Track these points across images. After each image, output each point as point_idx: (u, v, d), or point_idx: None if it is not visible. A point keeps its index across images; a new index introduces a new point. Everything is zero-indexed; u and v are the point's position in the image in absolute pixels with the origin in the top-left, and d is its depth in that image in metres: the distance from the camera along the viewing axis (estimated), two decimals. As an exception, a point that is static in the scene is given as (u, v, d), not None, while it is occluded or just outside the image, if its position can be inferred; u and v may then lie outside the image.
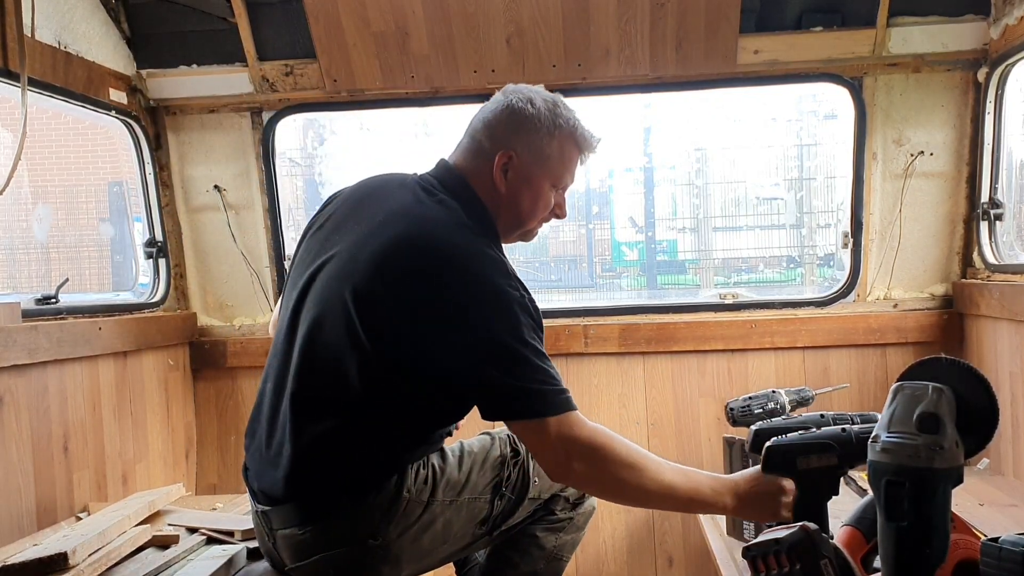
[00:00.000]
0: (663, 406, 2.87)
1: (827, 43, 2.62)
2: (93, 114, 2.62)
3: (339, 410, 1.62)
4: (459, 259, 1.59)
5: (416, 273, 1.57)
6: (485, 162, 1.73)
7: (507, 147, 1.72)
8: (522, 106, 1.73)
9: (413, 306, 1.56)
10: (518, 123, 1.73)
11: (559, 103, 1.77)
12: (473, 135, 1.77)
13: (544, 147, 1.75)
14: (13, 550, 1.90)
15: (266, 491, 1.69)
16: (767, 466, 1.69)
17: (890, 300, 2.80)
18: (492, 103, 1.78)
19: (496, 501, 1.79)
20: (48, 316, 2.25)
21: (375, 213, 1.68)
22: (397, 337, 1.57)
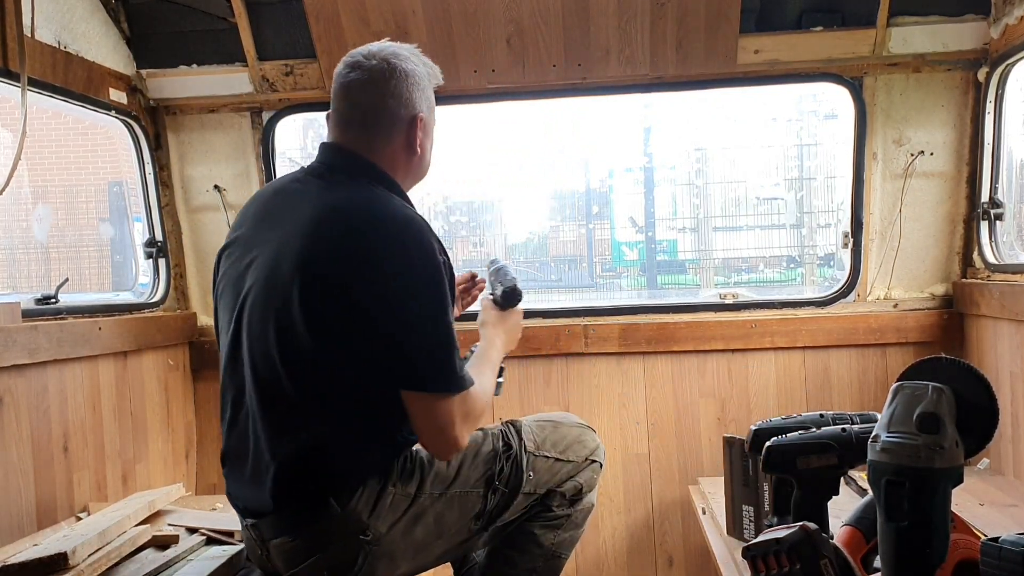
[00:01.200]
0: (663, 406, 2.87)
1: (827, 43, 2.62)
2: (93, 114, 2.62)
3: (308, 417, 1.63)
4: (382, 229, 1.61)
5: (341, 255, 1.59)
6: (393, 129, 1.75)
7: (416, 110, 1.76)
8: (412, 67, 1.76)
9: (345, 288, 1.58)
10: (414, 83, 1.76)
11: (418, 52, 1.81)
12: (371, 106, 1.75)
13: (430, 96, 1.82)
14: (13, 550, 1.90)
15: (253, 508, 1.71)
16: (767, 465, 1.70)
17: (890, 300, 2.80)
18: (380, 72, 1.75)
19: (489, 495, 1.80)
20: (48, 316, 2.25)
21: (284, 217, 1.69)
22: (337, 323, 1.59)
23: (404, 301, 1.59)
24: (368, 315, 1.58)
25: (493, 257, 2.22)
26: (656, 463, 2.87)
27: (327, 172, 1.73)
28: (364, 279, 1.58)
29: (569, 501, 1.91)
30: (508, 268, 2.10)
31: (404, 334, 1.59)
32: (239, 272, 1.72)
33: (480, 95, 2.80)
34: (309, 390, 1.62)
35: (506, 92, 2.79)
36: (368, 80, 1.74)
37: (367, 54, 1.76)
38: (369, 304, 1.58)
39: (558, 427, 1.95)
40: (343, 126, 1.77)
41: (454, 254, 5.99)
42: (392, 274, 1.58)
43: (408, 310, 1.59)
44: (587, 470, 1.94)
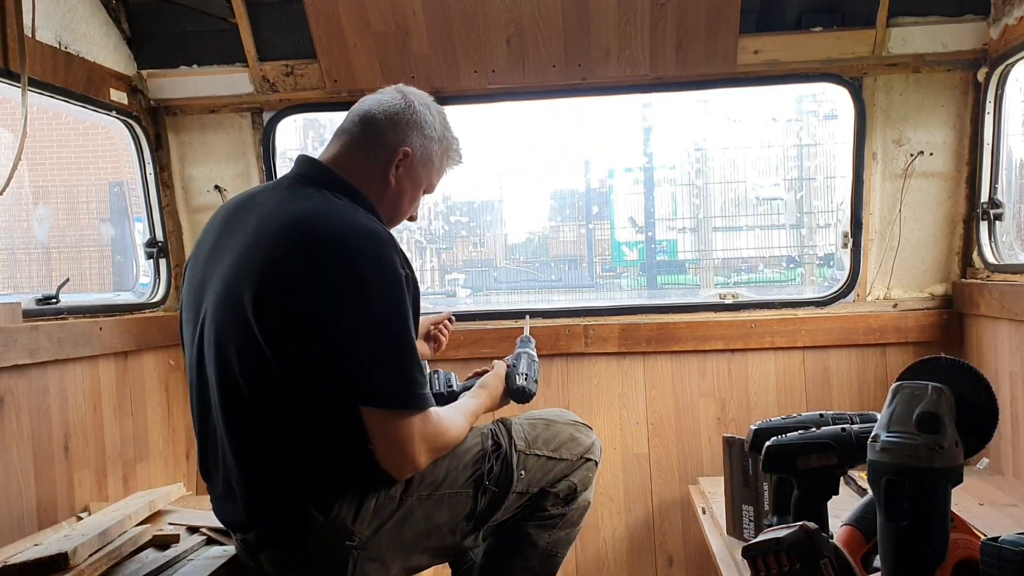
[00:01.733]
0: (663, 406, 2.87)
1: (827, 43, 2.62)
2: (94, 114, 2.62)
3: (275, 432, 1.63)
4: (339, 242, 1.59)
5: (296, 269, 1.57)
6: (377, 153, 1.76)
7: (406, 143, 1.77)
8: (423, 110, 1.80)
9: (299, 302, 1.56)
10: (418, 125, 1.79)
11: (446, 116, 1.87)
12: (366, 127, 1.77)
13: (433, 153, 1.83)
14: (14, 550, 1.90)
15: (235, 523, 1.72)
16: (767, 465, 1.70)
17: (890, 300, 2.80)
18: (389, 99, 1.80)
19: (479, 495, 1.78)
20: (49, 316, 2.25)
21: (245, 230, 1.67)
22: (292, 337, 1.57)
23: (358, 315, 1.56)
24: (322, 329, 1.56)
25: (526, 334, 2.20)
26: (656, 463, 2.87)
27: (296, 183, 1.73)
28: (318, 292, 1.56)
29: (563, 500, 1.89)
30: (535, 359, 2.09)
31: (359, 349, 1.57)
32: (198, 286, 1.72)
33: (480, 95, 2.80)
34: (273, 405, 1.61)
35: (506, 92, 2.79)
36: (375, 100, 1.80)
37: (401, 89, 1.82)
38: (322, 318, 1.56)
39: (551, 425, 1.93)
40: (333, 139, 1.80)
41: (454, 254, 5.98)
42: (347, 286, 1.56)
43: (363, 324, 1.57)
44: (581, 468, 1.92)
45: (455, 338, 2.85)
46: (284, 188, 1.73)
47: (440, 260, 5.79)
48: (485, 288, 5.68)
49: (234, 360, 1.61)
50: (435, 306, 3.05)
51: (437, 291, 5.55)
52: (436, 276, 5.70)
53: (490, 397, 1.96)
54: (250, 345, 1.58)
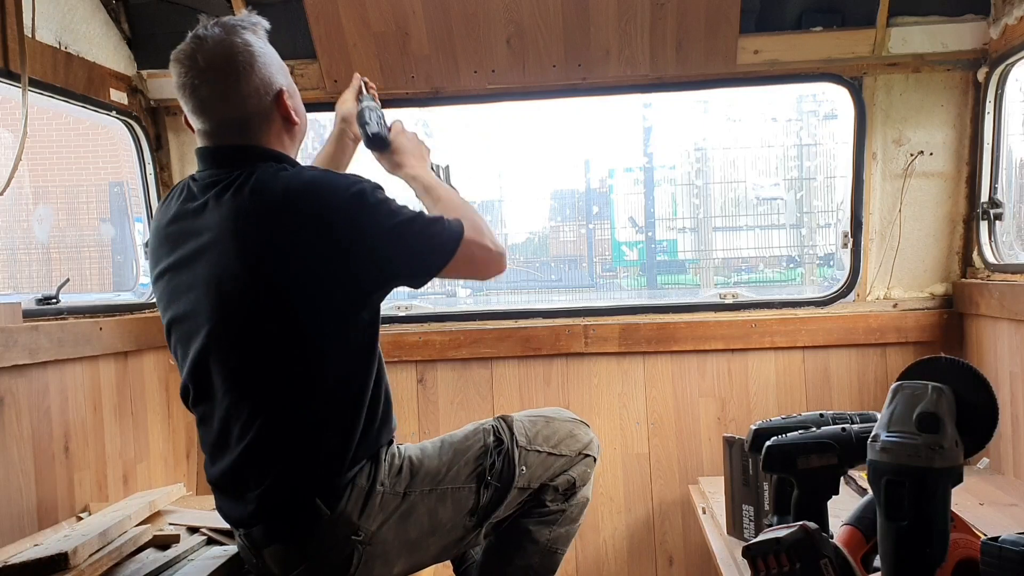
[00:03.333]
0: (663, 406, 2.87)
1: (827, 43, 2.62)
2: (94, 114, 2.62)
3: (284, 430, 1.63)
4: (304, 191, 1.60)
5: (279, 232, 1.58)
6: (266, 113, 1.70)
7: (273, 87, 1.70)
8: (247, 48, 1.67)
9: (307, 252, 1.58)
10: (261, 63, 1.69)
11: (245, 24, 1.72)
12: (233, 105, 1.67)
13: (279, 59, 1.76)
14: (14, 550, 1.91)
15: (242, 518, 1.71)
16: (767, 465, 1.70)
17: (890, 300, 2.80)
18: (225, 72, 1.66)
19: (482, 490, 1.80)
20: (49, 316, 2.25)
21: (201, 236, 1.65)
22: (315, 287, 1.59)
23: (367, 226, 1.60)
24: (348, 256, 1.59)
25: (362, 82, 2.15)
26: (656, 463, 2.87)
27: (220, 176, 1.66)
28: (320, 237, 1.57)
29: (563, 495, 1.90)
30: (365, 106, 2.02)
31: (389, 246, 1.62)
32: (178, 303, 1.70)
33: (480, 95, 2.80)
34: (283, 398, 1.62)
35: (506, 92, 2.79)
36: (221, 94, 1.67)
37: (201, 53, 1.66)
38: (340, 247, 1.58)
39: (550, 422, 1.94)
40: (213, 132, 1.70)
41: (454, 254, 6.01)
42: (340, 212, 1.59)
43: (380, 227, 1.60)
44: (580, 464, 1.93)
45: (455, 338, 2.85)
46: (211, 185, 1.66)
47: (440, 260, 5.79)
48: (485, 288, 5.68)
49: (250, 360, 1.62)
50: (435, 306, 3.05)
51: (437, 291, 5.56)
52: (436, 276, 5.70)
53: (409, 170, 1.95)
54: (263, 334, 1.60)
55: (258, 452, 1.64)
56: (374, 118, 2.00)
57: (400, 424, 2.34)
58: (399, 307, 2.96)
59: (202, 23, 1.71)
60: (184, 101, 1.70)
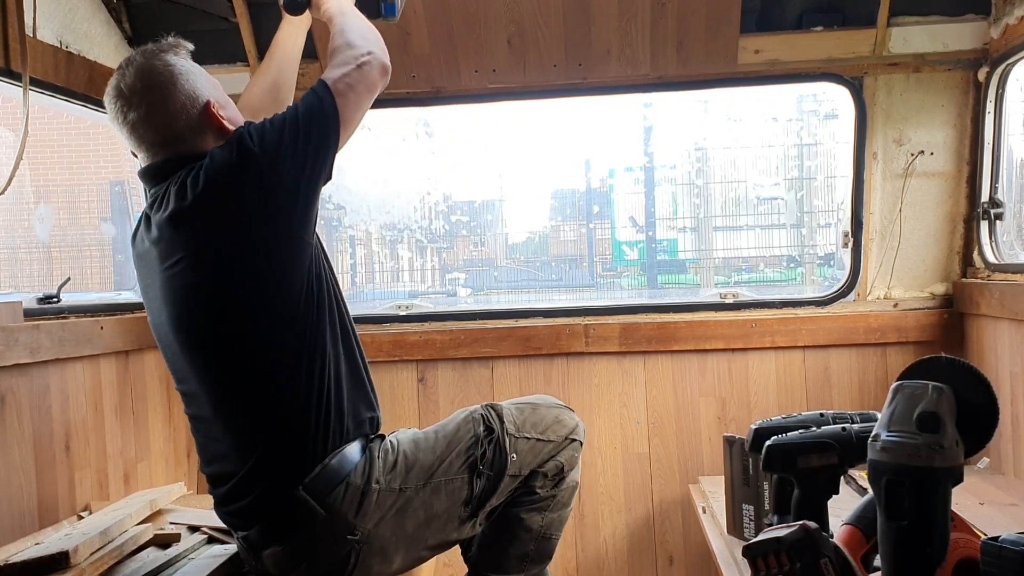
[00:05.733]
0: (664, 405, 2.87)
1: (828, 43, 2.63)
2: (95, 114, 2.61)
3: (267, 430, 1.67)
4: (211, 173, 1.63)
5: (205, 225, 1.64)
6: (196, 127, 1.72)
7: (200, 100, 1.73)
8: (167, 67, 1.72)
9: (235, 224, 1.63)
10: (184, 80, 1.72)
11: (167, 42, 1.78)
12: (168, 135, 1.72)
13: (200, 70, 1.79)
14: (15, 549, 1.91)
15: (238, 518, 1.72)
16: (767, 464, 1.70)
17: (890, 299, 2.80)
18: (144, 83, 1.70)
19: (475, 480, 1.81)
20: (50, 315, 2.25)
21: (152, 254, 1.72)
22: (231, 294, 1.64)
23: (271, 150, 1.64)
24: (266, 199, 1.63)
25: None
26: (656, 462, 2.88)
27: (157, 193, 1.71)
28: (234, 203, 1.63)
29: (552, 481, 1.92)
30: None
31: (291, 154, 1.64)
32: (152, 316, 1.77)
33: (481, 95, 2.81)
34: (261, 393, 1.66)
35: (507, 92, 2.80)
36: (147, 115, 1.71)
37: (134, 70, 1.71)
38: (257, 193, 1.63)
39: (537, 408, 1.97)
40: (149, 153, 1.74)
41: (455, 253, 6.00)
42: (245, 169, 1.63)
43: (279, 147, 1.64)
44: (567, 449, 1.95)
45: (455, 337, 2.86)
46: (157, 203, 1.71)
47: (441, 259, 5.79)
48: (485, 287, 5.68)
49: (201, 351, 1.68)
50: (436, 305, 3.05)
51: (438, 290, 5.56)
52: (436, 275, 5.70)
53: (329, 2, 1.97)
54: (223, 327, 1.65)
55: (241, 459, 1.68)
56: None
57: (400, 424, 2.35)
58: (399, 306, 2.96)
59: (126, 57, 1.76)
60: (120, 133, 1.74)
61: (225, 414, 1.69)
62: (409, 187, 4.55)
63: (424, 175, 4.68)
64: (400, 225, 4.67)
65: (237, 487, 1.68)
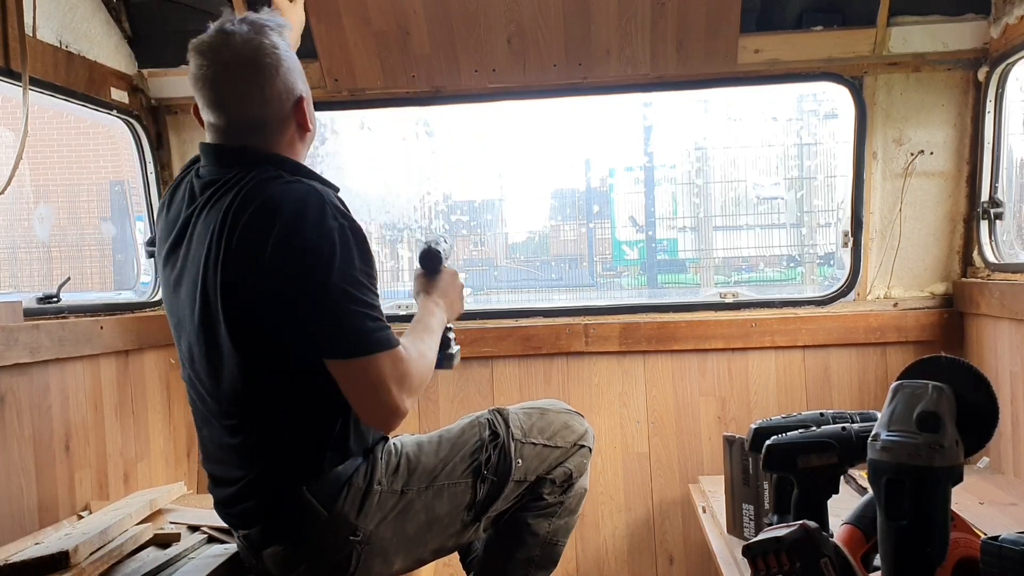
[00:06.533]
0: (664, 405, 2.88)
1: (828, 42, 2.63)
2: (95, 113, 2.62)
3: (269, 433, 1.64)
4: (287, 214, 1.55)
5: (254, 244, 1.55)
6: (283, 119, 1.68)
7: (295, 93, 1.68)
8: (275, 51, 1.64)
9: (259, 273, 1.54)
10: (286, 67, 1.66)
11: (272, 25, 1.67)
12: (253, 106, 1.65)
13: (300, 64, 1.73)
14: (15, 549, 1.91)
15: (239, 521, 1.72)
16: (767, 464, 1.70)
17: (890, 299, 2.80)
18: (249, 59, 1.62)
19: (479, 485, 1.80)
20: (50, 315, 2.25)
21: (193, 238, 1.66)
22: (250, 321, 1.57)
23: (304, 276, 1.53)
24: (271, 303, 1.54)
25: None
26: (656, 462, 2.88)
27: (221, 175, 1.65)
28: (263, 271, 1.54)
29: (561, 488, 1.91)
30: (438, 234, 2.04)
31: (311, 307, 1.53)
32: (176, 303, 1.72)
33: (481, 95, 2.81)
34: (257, 405, 1.63)
35: (507, 92, 2.80)
36: (243, 94, 1.64)
37: (227, 48, 1.62)
38: (269, 292, 1.54)
39: (545, 414, 1.95)
40: (224, 130, 1.67)
41: (455, 253, 6.02)
42: (283, 254, 1.53)
43: (308, 284, 1.53)
44: (576, 455, 1.94)
45: (455, 337, 2.85)
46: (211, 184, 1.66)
47: (440, 259, 5.79)
48: (485, 287, 5.68)
49: (215, 369, 1.63)
50: (436, 305, 3.05)
51: (437, 290, 5.55)
52: (436, 275, 5.70)
53: (428, 298, 1.90)
54: (222, 348, 1.60)
55: (243, 462, 1.67)
56: (446, 243, 2.03)
57: (400, 423, 2.34)
58: (399, 306, 2.96)
59: (226, 16, 1.67)
60: (200, 93, 1.66)
61: (238, 419, 1.65)
62: (409, 187, 4.55)
63: (424, 175, 4.67)
64: (400, 225, 4.67)
65: (241, 491, 1.67)
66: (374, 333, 1.55)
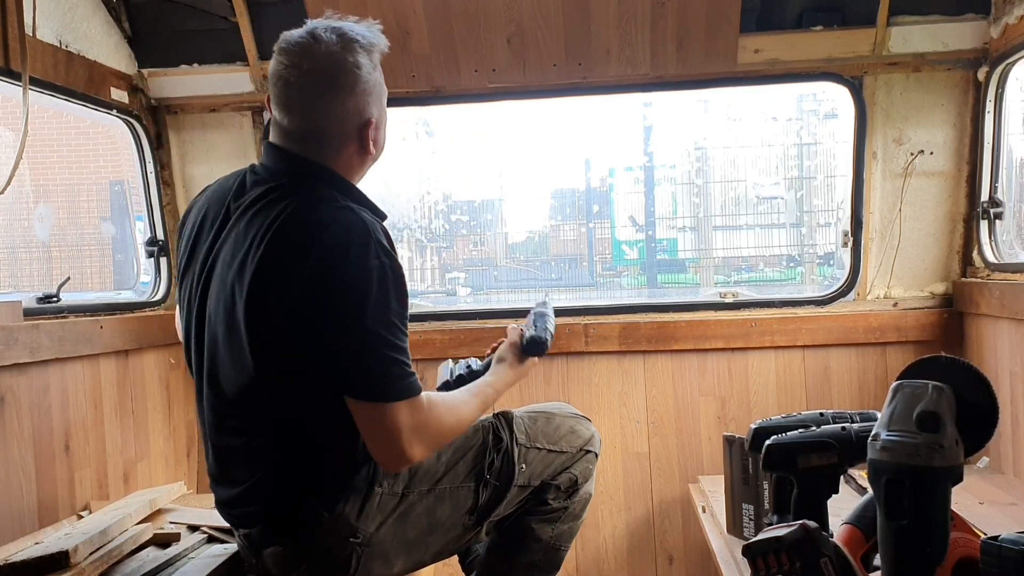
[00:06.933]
0: (663, 405, 2.87)
1: (827, 42, 2.63)
2: (94, 113, 2.62)
3: (277, 435, 1.62)
4: (329, 242, 1.53)
5: (292, 264, 1.53)
6: (345, 137, 1.66)
7: (364, 115, 1.66)
8: (355, 70, 1.63)
9: (293, 296, 1.53)
10: (362, 89, 1.64)
11: (362, 42, 1.65)
12: (318, 116, 1.63)
13: (382, 84, 1.71)
14: (15, 548, 1.91)
15: (239, 516, 1.71)
16: (767, 464, 1.70)
17: (890, 299, 2.80)
18: (326, 72, 1.60)
19: (481, 489, 1.79)
20: (50, 315, 2.25)
21: (237, 219, 1.64)
22: (274, 341, 1.55)
23: (335, 311, 1.52)
24: (298, 327, 1.53)
25: (544, 299, 2.15)
26: (656, 462, 2.88)
27: (274, 180, 1.64)
28: (295, 294, 1.53)
29: (565, 493, 1.90)
30: (549, 316, 2.03)
31: (336, 343, 1.53)
32: (195, 298, 1.70)
33: (481, 95, 2.80)
34: (266, 410, 1.61)
35: (507, 91, 2.80)
36: (310, 93, 1.62)
37: (309, 55, 1.61)
38: (298, 316, 1.53)
39: (551, 418, 1.94)
40: (286, 133, 1.66)
41: (454, 253, 6.00)
42: (319, 282, 1.52)
43: (338, 320, 1.52)
44: (582, 461, 1.93)
45: (455, 337, 2.86)
46: (263, 184, 1.65)
47: (440, 259, 5.79)
48: (485, 287, 5.68)
49: (232, 370, 1.61)
50: (435, 305, 3.05)
51: (437, 290, 5.56)
52: (436, 275, 5.70)
53: (509, 368, 1.89)
54: (242, 352, 1.58)
55: (249, 462, 1.65)
56: (544, 321, 2.01)
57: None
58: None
59: (327, 17, 1.67)
60: (272, 90, 1.66)
61: (247, 420, 1.64)
62: (409, 186, 4.55)
63: (424, 175, 4.67)
64: (400, 224, 4.67)
65: (244, 492, 1.66)
66: (398, 380, 1.55)
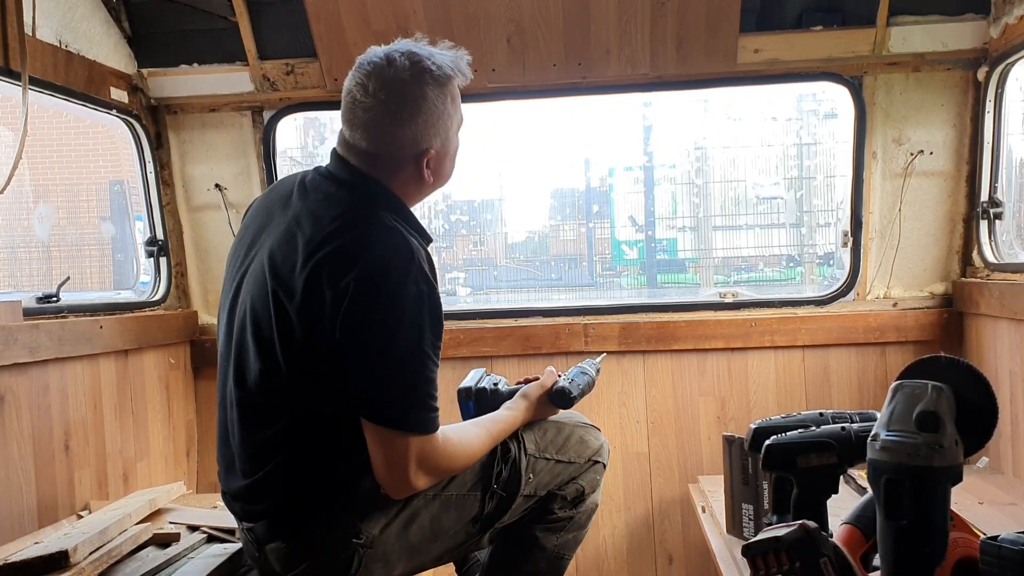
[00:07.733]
0: (663, 405, 2.88)
1: (827, 42, 2.63)
2: (94, 113, 2.62)
3: (287, 432, 1.63)
4: (372, 261, 1.55)
5: (333, 275, 1.54)
6: (400, 162, 1.67)
7: (423, 144, 1.66)
8: (422, 99, 1.63)
9: (328, 307, 1.54)
10: (425, 118, 1.64)
11: (436, 73, 1.65)
12: (378, 136, 1.65)
13: (451, 116, 1.70)
14: (14, 548, 1.91)
15: (246, 510, 1.71)
16: (767, 464, 1.70)
17: (890, 299, 2.80)
18: (390, 98, 1.61)
19: (487, 499, 1.78)
20: (49, 314, 2.25)
21: (290, 216, 1.66)
22: (306, 347, 1.57)
23: (367, 333, 1.53)
24: (330, 343, 1.54)
25: (602, 356, 2.20)
26: (656, 462, 2.88)
27: (331, 186, 1.66)
28: (332, 306, 1.54)
29: (571, 503, 1.89)
30: (591, 375, 2.05)
31: (362, 365, 1.55)
32: (236, 283, 1.71)
33: (481, 94, 2.80)
34: (285, 407, 1.62)
35: (507, 91, 2.80)
36: (372, 114, 1.64)
37: (379, 77, 1.62)
38: (334, 332, 1.54)
39: (561, 428, 1.93)
40: (348, 146, 1.68)
41: (454, 253, 5.99)
42: (356, 299, 1.52)
43: (369, 342, 1.53)
44: (590, 471, 1.92)
45: (455, 337, 2.86)
46: (320, 190, 1.67)
47: (440, 259, 5.79)
48: (485, 287, 5.68)
49: (255, 361, 1.62)
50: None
51: (437, 290, 5.55)
52: (436, 275, 5.70)
53: (527, 408, 1.88)
54: (270, 347, 1.59)
55: (257, 456, 1.65)
56: (580, 379, 2.02)
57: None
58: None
59: (414, 39, 1.68)
60: (343, 103, 1.68)
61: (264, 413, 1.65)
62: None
63: (424, 174, 4.66)
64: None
65: (252, 485, 1.66)
66: (417, 412, 1.56)
